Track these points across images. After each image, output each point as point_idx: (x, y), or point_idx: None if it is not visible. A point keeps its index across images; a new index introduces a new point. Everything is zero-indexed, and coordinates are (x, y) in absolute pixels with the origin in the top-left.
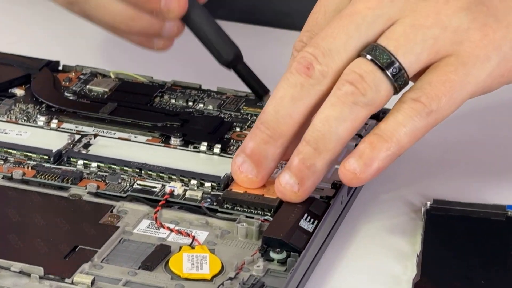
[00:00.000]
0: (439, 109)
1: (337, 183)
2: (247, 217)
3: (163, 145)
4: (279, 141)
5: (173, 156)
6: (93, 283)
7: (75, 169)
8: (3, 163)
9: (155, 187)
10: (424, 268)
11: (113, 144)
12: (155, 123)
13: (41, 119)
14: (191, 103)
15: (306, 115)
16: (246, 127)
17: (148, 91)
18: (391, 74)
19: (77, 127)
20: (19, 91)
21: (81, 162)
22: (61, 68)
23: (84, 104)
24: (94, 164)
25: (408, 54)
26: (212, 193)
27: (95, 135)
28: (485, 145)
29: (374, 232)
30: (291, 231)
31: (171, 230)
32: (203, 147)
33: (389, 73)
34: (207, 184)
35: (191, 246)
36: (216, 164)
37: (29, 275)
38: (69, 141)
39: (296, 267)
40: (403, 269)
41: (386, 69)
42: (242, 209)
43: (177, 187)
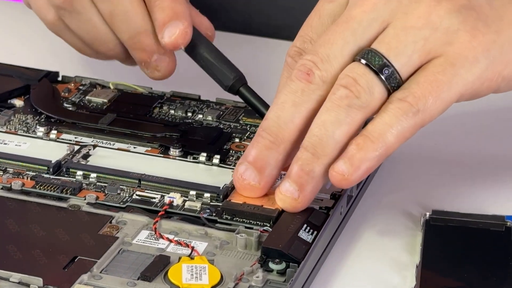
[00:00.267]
0: (426, 109)
1: (336, 194)
2: (246, 227)
3: (162, 155)
4: (281, 146)
5: (172, 166)
6: None
7: (74, 179)
8: (2, 173)
9: (154, 198)
10: (423, 278)
11: (112, 154)
12: (154, 134)
13: (40, 130)
14: (190, 114)
15: (307, 120)
16: (245, 137)
17: (147, 102)
18: (384, 76)
19: (76, 138)
20: (19, 102)
21: (80, 172)
22: (60, 79)
23: (83, 114)
24: (93, 174)
25: (399, 56)
26: (211, 203)
27: (94, 146)
28: (484, 156)
29: (373, 242)
30: (290, 241)
31: (170, 240)
32: (202, 157)
33: (382, 76)
34: (206, 194)
35: (190, 256)
36: (215, 174)
37: (28, 285)
38: (68, 152)
39: (295, 278)
40: (402, 280)
41: (379, 72)
42: (241, 220)
43: (176, 198)
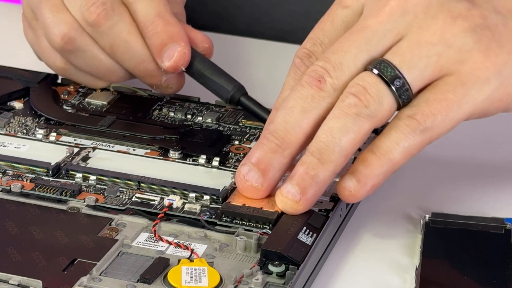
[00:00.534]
0: (434, 127)
1: (336, 196)
2: (245, 230)
3: (162, 158)
4: (287, 151)
5: (172, 169)
6: None
7: (74, 182)
8: (1, 176)
9: (154, 200)
10: (423, 281)
11: (111, 157)
12: (154, 136)
13: (40, 132)
14: (189, 116)
15: (314, 126)
16: (244, 140)
17: (146, 104)
18: (395, 87)
19: (75, 140)
20: (18, 104)
21: (79, 175)
22: (60, 81)
23: (83, 117)
24: (92, 177)
25: (412, 69)
26: (211, 206)
27: (94, 148)
28: (484, 159)
29: (372, 245)
30: (290, 244)
31: (170, 243)
32: (202, 160)
33: (393, 87)
34: (206, 197)
35: (190, 259)
36: (215, 177)
37: None
38: (68, 154)
39: (295, 280)
40: (402, 282)
41: (390, 82)
42: (240, 222)
43: (175, 200)
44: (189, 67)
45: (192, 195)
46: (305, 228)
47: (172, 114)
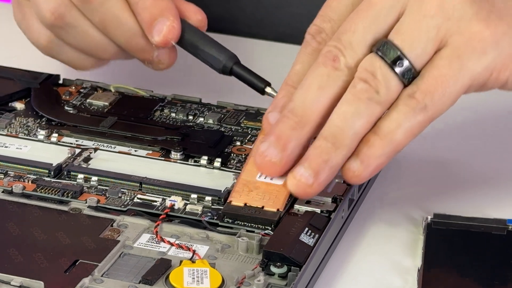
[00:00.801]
0: (433, 104)
1: (338, 198)
2: (247, 231)
3: (163, 159)
4: (306, 128)
5: (174, 170)
6: None
7: (75, 183)
8: (3, 177)
9: (156, 201)
10: (425, 282)
11: (113, 158)
12: (155, 137)
13: (41, 133)
14: (191, 117)
15: (331, 104)
16: (246, 141)
17: (148, 105)
18: (398, 69)
19: (77, 141)
20: (19, 105)
21: (81, 176)
22: (61, 82)
23: (84, 118)
24: (94, 178)
25: (414, 47)
26: (212, 207)
27: (95, 149)
28: (486, 159)
29: (374, 246)
30: (292, 245)
31: (172, 244)
32: (204, 161)
33: (396, 70)
34: (208, 198)
35: (192, 260)
36: (216, 178)
37: None
38: (69, 155)
39: (297, 282)
40: (404, 283)
41: (393, 65)
42: (242, 223)
43: (177, 201)
44: (181, 40)
45: (193, 196)
46: (307, 229)
47: (173, 115)
